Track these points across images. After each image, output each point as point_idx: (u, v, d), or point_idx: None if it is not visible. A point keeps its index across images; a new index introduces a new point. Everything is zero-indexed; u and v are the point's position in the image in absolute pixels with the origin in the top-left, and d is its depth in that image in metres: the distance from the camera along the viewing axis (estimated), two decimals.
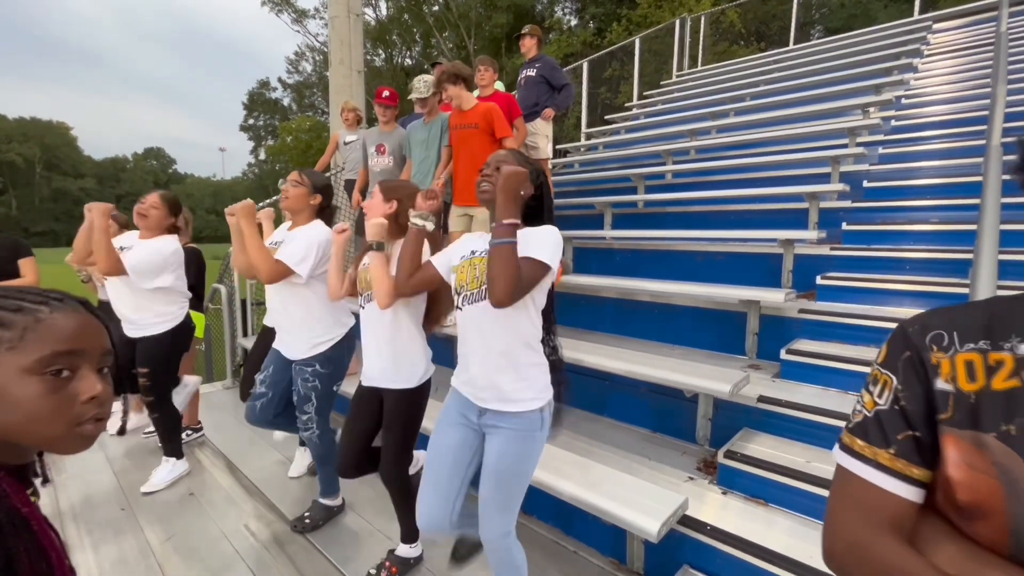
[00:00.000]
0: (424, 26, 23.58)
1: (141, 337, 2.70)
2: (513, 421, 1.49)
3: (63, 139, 64.72)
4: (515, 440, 1.49)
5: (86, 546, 2.30)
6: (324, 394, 2.30)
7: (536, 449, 1.53)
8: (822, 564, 0.61)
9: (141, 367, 2.68)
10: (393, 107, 4.06)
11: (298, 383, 2.28)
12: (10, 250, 3.08)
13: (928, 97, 4.96)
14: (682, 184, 4.95)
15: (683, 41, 9.21)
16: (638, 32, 10.10)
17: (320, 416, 2.31)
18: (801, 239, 3.22)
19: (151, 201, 2.66)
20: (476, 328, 1.49)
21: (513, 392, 1.48)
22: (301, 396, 2.28)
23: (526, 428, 1.49)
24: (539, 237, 1.45)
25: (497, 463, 1.50)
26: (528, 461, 1.53)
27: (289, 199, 2.25)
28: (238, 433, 3.50)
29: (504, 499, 1.52)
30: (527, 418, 1.49)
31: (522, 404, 1.48)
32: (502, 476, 1.50)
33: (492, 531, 1.53)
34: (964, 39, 6.18)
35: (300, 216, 2.30)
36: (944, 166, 3.71)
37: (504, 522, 1.53)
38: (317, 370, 2.26)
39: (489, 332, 1.47)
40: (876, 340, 2.57)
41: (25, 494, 0.66)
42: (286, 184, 2.29)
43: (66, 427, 0.62)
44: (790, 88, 6.10)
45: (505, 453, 1.49)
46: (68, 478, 2.93)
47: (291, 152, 24.74)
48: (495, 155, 1.60)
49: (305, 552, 2.25)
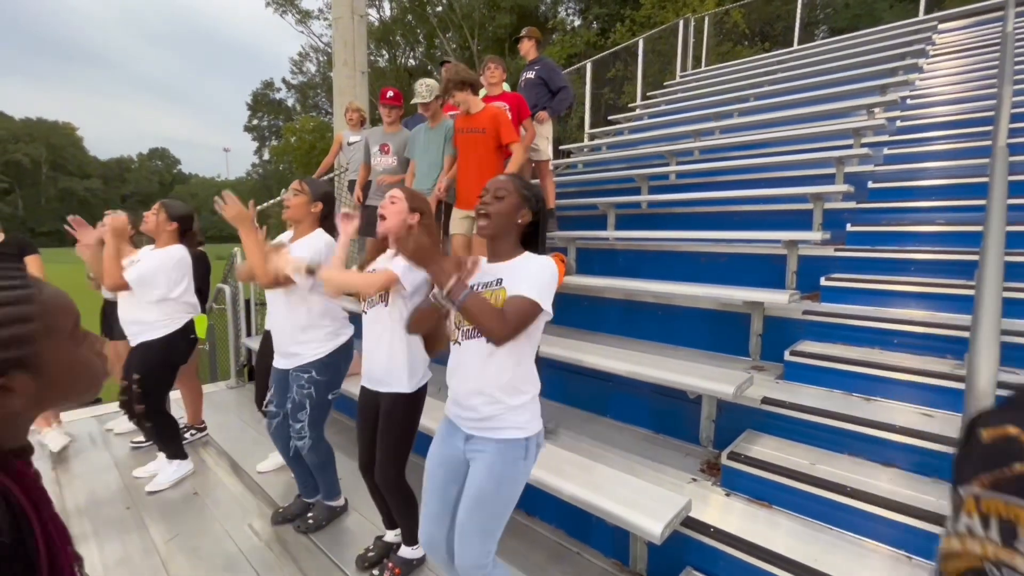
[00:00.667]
0: (428, 26, 23.60)
1: (137, 344, 2.72)
2: (496, 447, 1.48)
3: (69, 139, 65.10)
4: (498, 464, 1.47)
5: (91, 544, 2.31)
6: (318, 403, 2.26)
7: (520, 477, 1.51)
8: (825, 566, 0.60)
9: (133, 373, 2.67)
10: (398, 107, 4.06)
11: (293, 390, 2.26)
12: (18, 248, 3.15)
13: (934, 98, 4.94)
14: (686, 185, 4.94)
15: (687, 41, 9.19)
16: (642, 32, 10.08)
17: (313, 427, 2.27)
18: (805, 240, 3.21)
19: (151, 211, 2.73)
20: (471, 362, 1.48)
21: (501, 422, 1.47)
22: (295, 403, 2.26)
23: (510, 455, 1.47)
24: (532, 273, 1.43)
25: (479, 485, 1.47)
26: (510, 486, 1.49)
27: (290, 208, 2.25)
28: (242, 433, 3.51)
29: (482, 523, 1.48)
30: (512, 445, 1.48)
31: (508, 432, 1.47)
32: (483, 498, 1.47)
33: (468, 558, 1.48)
34: (970, 39, 6.14)
35: (302, 225, 2.29)
36: (950, 167, 3.69)
37: (482, 551, 1.48)
38: (313, 377, 2.25)
39: (483, 367, 1.46)
40: (881, 342, 2.56)
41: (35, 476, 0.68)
42: (287, 194, 2.29)
43: (103, 376, 0.74)
44: (794, 88, 6.08)
45: (487, 479, 1.47)
46: (74, 476, 2.95)
47: (295, 152, 24.79)
48: (494, 181, 1.55)
49: (308, 551, 2.26)
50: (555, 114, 4.37)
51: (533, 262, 1.49)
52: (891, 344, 2.53)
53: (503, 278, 1.47)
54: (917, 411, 2.15)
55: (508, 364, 1.45)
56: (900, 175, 3.83)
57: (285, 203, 2.28)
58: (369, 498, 2.13)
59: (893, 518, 1.75)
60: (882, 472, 1.97)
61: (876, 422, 2.05)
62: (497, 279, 1.48)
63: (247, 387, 4.46)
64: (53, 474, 2.97)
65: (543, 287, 1.40)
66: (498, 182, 1.54)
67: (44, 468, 3.02)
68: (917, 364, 2.32)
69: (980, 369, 1.13)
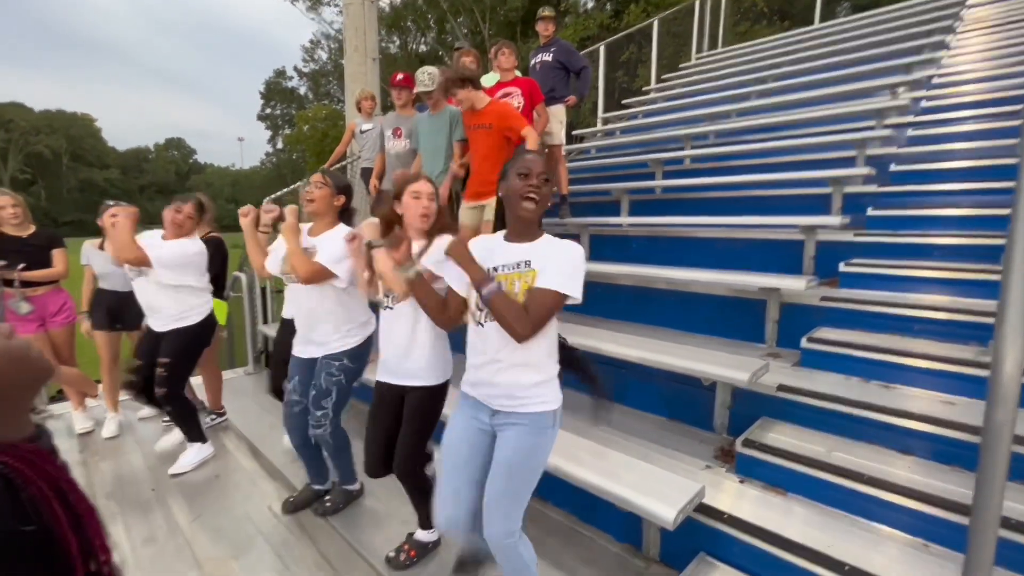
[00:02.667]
0: (438, 11, 23.33)
1: (169, 330, 2.77)
2: (526, 418, 1.51)
3: (88, 130, 66.02)
4: (528, 434, 1.51)
5: (118, 524, 2.40)
6: (344, 389, 2.30)
7: (548, 445, 1.55)
8: (841, 554, 0.59)
9: (163, 358, 2.73)
10: (409, 88, 4.03)
11: (321, 377, 2.27)
12: (46, 240, 3.27)
13: (961, 76, 4.75)
14: (701, 169, 4.86)
15: (703, 22, 8.97)
16: (656, 13, 9.84)
17: (335, 413, 2.31)
18: (824, 225, 3.14)
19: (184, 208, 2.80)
20: (493, 343, 1.50)
21: (527, 397, 1.51)
22: (322, 390, 2.26)
23: (539, 424, 1.52)
24: (561, 260, 1.44)
25: (510, 455, 1.51)
26: (540, 455, 1.54)
27: (315, 201, 2.23)
28: (260, 418, 3.58)
29: (513, 493, 1.52)
30: (540, 416, 1.52)
31: (535, 406, 1.51)
32: (513, 468, 1.51)
33: (497, 529, 1.51)
34: (1000, 14, 5.89)
35: (324, 219, 2.28)
36: (976, 148, 3.56)
37: (511, 519, 1.52)
38: (345, 364, 2.27)
39: (506, 348, 1.48)
40: (901, 328, 2.51)
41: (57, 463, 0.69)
42: (309, 186, 2.27)
43: (30, 350, 0.70)
44: (814, 69, 5.90)
45: (519, 446, 1.51)
46: (100, 460, 3.05)
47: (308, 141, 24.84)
48: (535, 163, 1.50)
49: (325, 533, 2.31)
50: (582, 95, 4.34)
51: (558, 247, 1.49)
52: (911, 330, 2.48)
53: (531, 260, 1.48)
54: (938, 398, 2.12)
55: (532, 344, 1.46)
56: (924, 157, 3.71)
57: (307, 196, 2.25)
58: (384, 483, 2.14)
59: (911, 506, 1.73)
60: (900, 460, 1.94)
61: (895, 409, 2.01)
62: (525, 260, 1.48)
63: (264, 373, 4.54)
64: (80, 457, 3.07)
65: (571, 275, 1.42)
66: (540, 165, 1.50)
67: (72, 451, 3.13)
68: (938, 351, 2.27)
69: (1006, 355, 1.10)
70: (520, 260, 1.49)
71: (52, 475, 0.66)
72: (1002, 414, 1.09)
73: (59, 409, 3.69)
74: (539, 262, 1.46)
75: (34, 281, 3.17)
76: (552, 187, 1.54)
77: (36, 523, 0.58)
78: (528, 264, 1.47)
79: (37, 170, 57.21)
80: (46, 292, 3.25)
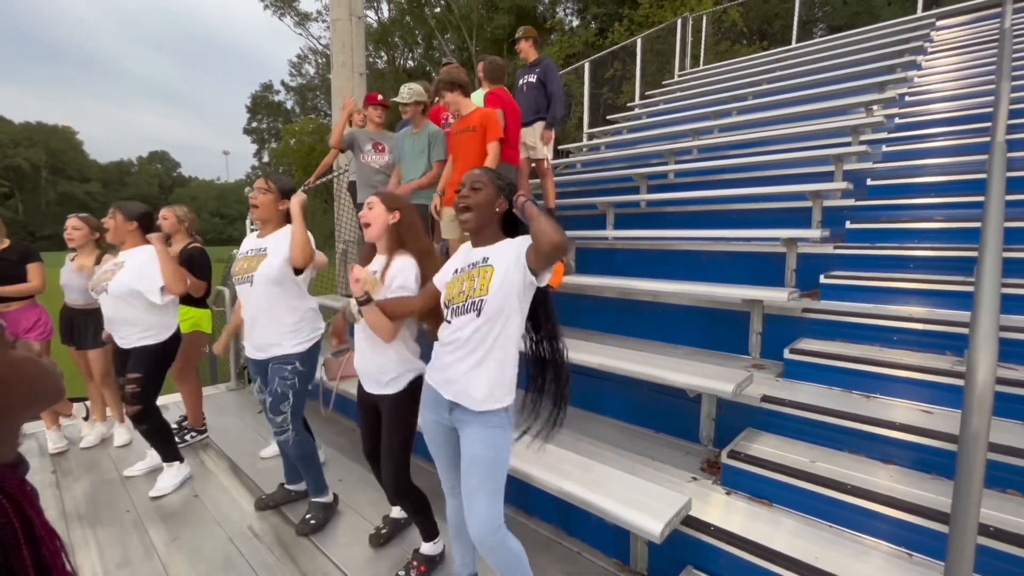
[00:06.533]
0: (426, 28, 23.59)
1: (136, 347, 2.69)
2: (481, 417, 1.58)
3: (69, 143, 65.13)
4: (487, 428, 1.57)
5: (91, 548, 2.31)
6: (300, 391, 2.31)
7: (507, 438, 1.61)
8: (826, 564, 0.60)
9: (132, 373, 2.65)
10: (387, 109, 4.06)
11: (275, 382, 2.26)
12: (21, 255, 3.18)
13: (932, 94, 4.93)
14: (685, 184, 4.93)
15: (685, 40, 9.19)
16: (640, 32, 10.08)
17: (295, 417, 2.31)
18: (804, 238, 3.21)
19: (108, 216, 2.73)
20: (460, 338, 1.57)
21: (483, 397, 1.56)
22: (278, 395, 2.26)
23: (494, 422, 1.58)
24: (513, 250, 1.54)
25: (474, 449, 1.57)
26: (502, 446, 1.59)
27: (259, 207, 2.24)
28: (241, 435, 3.51)
29: (489, 484, 1.56)
30: (494, 414, 1.58)
31: (486, 405, 1.57)
32: (482, 460, 1.56)
33: (483, 524, 1.53)
34: (968, 36, 6.14)
35: (270, 224, 2.30)
36: (948, 163, 3.69)
37: (493, 512, 1.55)
38: (297, 368, 2.29)
39: (471, 343, 1.55)
40: (881, 339, 2.55)
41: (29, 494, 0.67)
42: (253, 192, 2.26)
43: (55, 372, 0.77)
44: (793, 87, 6.07)
45: (479, 440, 1.57)
46: (74, 480, 2.94)
47: (294, 155, 24.80)
48: (468, 175, 1.66)
49: (308, 553, 2.25)
50: (557, 124, 4.25)
51: (516, 242, 1.58)
52: (891, 341, 2.53)
53: (489, 257, 1.59)
54: (917, 408, 2.15)
55: (496, 336, 1.53)
56: (899, 172, 3.82)
57: (252, 202, 2.25)
58: (369, 500, 2.13)
59: (893, 515, 1.75)
60: (882, 469, 1.96)
61: (876, 419, 2.04)
62: (484, 258, 1.60)
63: (247, 389, 4.45)
64: (53, 477, 2.96)
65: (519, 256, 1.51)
66: (472, 175, 1.65)
67: (44, 471, 3.02)
68: (917, 361, 2.31)
69: (979, 365, 1.12)
70: (479, 258, 1.60)
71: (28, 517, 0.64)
72: (977, 422, 1.11)
73: (31, 428, 3.58)
74: (496, 259, 1.56)
75: (7, 296, 3.09)
76: (491, 194, 1.62)
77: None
78: (486, 260, 1.58)
79: (15, 183, 56.13)
80: (19, 307, 3.17)
